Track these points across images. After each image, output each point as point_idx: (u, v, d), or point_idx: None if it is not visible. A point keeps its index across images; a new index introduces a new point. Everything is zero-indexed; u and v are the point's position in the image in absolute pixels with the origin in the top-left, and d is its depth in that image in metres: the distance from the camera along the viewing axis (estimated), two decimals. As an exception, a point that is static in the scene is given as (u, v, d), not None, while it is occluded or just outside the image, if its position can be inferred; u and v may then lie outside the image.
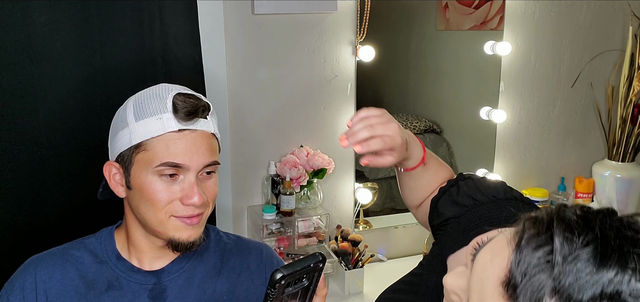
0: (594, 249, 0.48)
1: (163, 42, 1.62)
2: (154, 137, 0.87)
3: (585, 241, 0.49)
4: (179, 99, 0.88)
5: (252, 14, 1.80)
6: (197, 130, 0.90)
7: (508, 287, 0.52)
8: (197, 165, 0.89)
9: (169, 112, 0.88)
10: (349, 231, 1.99)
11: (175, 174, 0.89)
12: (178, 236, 0.90)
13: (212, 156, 0.92)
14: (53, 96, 1.48)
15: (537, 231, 0.52)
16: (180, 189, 0.89)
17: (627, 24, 2.29)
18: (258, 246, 1.08)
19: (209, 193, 0.93)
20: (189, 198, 0.88)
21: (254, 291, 1.02)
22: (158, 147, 0.87)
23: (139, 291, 0.94)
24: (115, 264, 0.95)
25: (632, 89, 2.22)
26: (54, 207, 1.52)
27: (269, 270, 1.04)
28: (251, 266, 1.03)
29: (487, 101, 2.24)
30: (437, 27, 2.21)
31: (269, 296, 0.67)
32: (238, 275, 1.01)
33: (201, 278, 0.98)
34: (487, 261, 0.57)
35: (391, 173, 2.22)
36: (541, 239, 0.51)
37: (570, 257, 0.48)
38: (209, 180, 0.93)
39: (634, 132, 2.24)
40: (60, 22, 1.47)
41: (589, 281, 0.47)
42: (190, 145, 0.88)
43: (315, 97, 1.96)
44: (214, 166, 0.93)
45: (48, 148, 1.50)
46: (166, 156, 0.87)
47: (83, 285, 0.93)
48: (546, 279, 0.49)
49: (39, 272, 0.93)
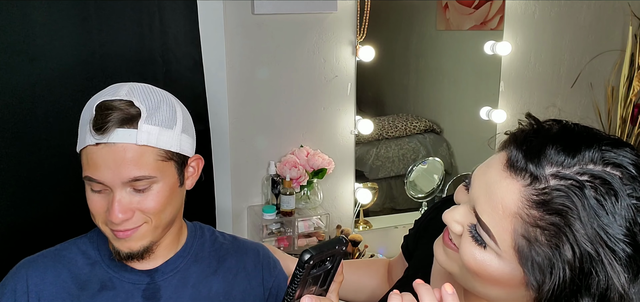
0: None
1: (163, 42, 1.62)
2: (82, 149, 0.86)
3: (549, 124, 0.66)
4: (99, 110, 0.83)
5: (252, 14, 1.80)
6: (116, 144, 0.82)
7: (511, 166, 0.63)
8: (115, 181, 0.83)
9: (90, 123, 0.84)
10: (349, 231, 1.99)
11: (101, 191, 0.86)
12: (118, 247, 0.88)
13: (139, 170, 0.83)
14: (52, 96, 1.48)
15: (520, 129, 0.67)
16: (106, 203, 0.86)
17: (627, 24, 2.29)
18: (255, 246, 1.07)
19: (144, 206, 0.86)
20: (109, 215, 0.85)
21: (250, 291, 1.01)
22: (83, 160, 0.86)
23: (132, 291, 0.93)
24: (108, 265, 0.94)
25: (632, 89, 2.22)
26: (53, 207, 1.52)
27: (265, 270, 1.04)
28: (248, 267, 1.02)
29: (487, 101, 2.24)
30: (437, 27, 2.21)
31: (296, 276, 0.67)
32: (234, 275, 1.00)
33: (196, 278, 0.97)
34: (482, 170, 0.68)
35: (391, 173, 2.22)
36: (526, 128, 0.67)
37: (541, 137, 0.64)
38: (144, 195, 0.86)
39: (634, 132, 2.24)
40: (60, 22, 1.47)
41: (572, 162, 0.61)
42: (106, 160, 0.83)
43: (315, 97, 1.96)
44: (143, 182, 0.84)
45: (47, 148, 1.50)
46: (87, 169, 0.85)
47: (76, 286, 0.92)
48: (544, 138, 0.63)
49: (31, 275, 0.92)
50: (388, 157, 2.21)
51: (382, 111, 2.22)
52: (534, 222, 0.61)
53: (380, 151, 2.19)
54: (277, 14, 1.83)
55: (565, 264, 0.59)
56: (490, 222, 0.64)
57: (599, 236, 0.58)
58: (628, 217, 0.58)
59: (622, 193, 0.58)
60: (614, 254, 0.58)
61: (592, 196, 0.58)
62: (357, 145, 2.08)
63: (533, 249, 0.61)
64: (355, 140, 2.06)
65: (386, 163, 2.21)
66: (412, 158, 2.24)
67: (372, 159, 2.18)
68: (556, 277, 0.60)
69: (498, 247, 0.64)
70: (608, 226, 0.58)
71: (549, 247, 0.60)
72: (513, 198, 0.62)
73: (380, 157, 2.20)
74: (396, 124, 2.22)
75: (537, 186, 0.61)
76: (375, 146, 2.18)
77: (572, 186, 0.59)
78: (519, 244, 0.62)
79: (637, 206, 0.59)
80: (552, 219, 0.59)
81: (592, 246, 0.58)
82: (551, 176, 0.61)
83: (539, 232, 0.60)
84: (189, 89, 1.69)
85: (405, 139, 2.24)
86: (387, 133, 2.19)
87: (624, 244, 0.58)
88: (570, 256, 0.59)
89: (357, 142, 2.07)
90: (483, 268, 0.66)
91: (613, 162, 0.60)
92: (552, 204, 0.59)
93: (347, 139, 2.05)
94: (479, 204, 0.66)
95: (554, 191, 0.60)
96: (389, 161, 2.21)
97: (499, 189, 0.64)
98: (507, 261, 0.64)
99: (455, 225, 0.70)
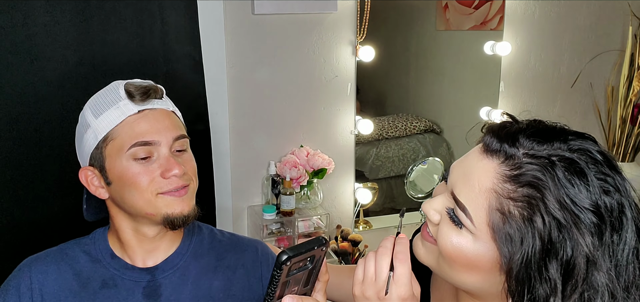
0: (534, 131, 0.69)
1: (163, 42, 1.62)
2: (117, 125, 0.90)
3: (523, 122, 0.71)
4: (130, 86, 0.91)
5: (252, 14, 1.81)
6: (157, 109, 0.92)
7: (487, 149, 0.69)
8: (166, 139, 0.90)
9: (125, 98, 0.90)
10: (349, 230, 1.99)
11: (149, 156, 0.90)
12: (171, 212, 0.90)
13: (179, 130, 0.93)
14: (54, 96, 1.49)
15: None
16: (158, 165, 0.90)
17: (627, 24, 2.29)
18: (253, 242, 1.08)
19: (188, 166, 0.93)
20: (169, 171, 0.89)
21: (249, 288, 1.02)
22: (124, 132, 0.89)
23: (133, 288, 0.94)
24: (109, 263, 0.95)
25: (632, 89, 2.22)
26: (54, 206, 1.52)
27: (264, 267, 1.04)
28: (247, 263, 1.03)
29: (487, 101, 2.24)
30: (437, 27, 2.21)
31: (274, 278, 0.68)
32: (234, 272, 1.01)
33: (196, 275, 0.98)
34: (460, 160, 0.74)
35: (391, 173, 2.22)
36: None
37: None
38: (184, 154, 0.94)
39: (633, 132, 2.25)
40: (61, 23, 1.47)
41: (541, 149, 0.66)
42: (154, 122, 0.90)
43: (315, 97, 1.96)
44: (184, 140, 0.94)
45: (49, 148, 1.50)
46: (134, 137, 0.89)
47: (77, 284, 0.93)
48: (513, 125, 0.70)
49: (34, 272, 0.93)
50: (388, 157, 2.21)
51: (382, 111, 2.22)
52: (507, 195, 0.66)
53: (380, 151, 2.19)
54: (277, 14, 1.84)
55: (536, 233, 0.64)
56: (466, 200, 0.69)
57: (567, 205, 0.63)
58: (594, 193, 0.64)
59: (589, 173, 0.64)
60: (581, 221, 0.63)
61: (561, 172, 0.64)
62: (357, 145, 2.08)
63: (506, 223, 0.65)
64: (355, 140, 2.06)
65: (386, 163, 2.21)
66: (412, 158, 2.24)
67: (372, 159, 2.18)
68: (527, 246, 0.64)
69: (473, 225, 0.68)
70: (575, 197, 0.63)
71: (521, 219, 0.64)
72: (489, 175, 0.68)
73: (380, 157, 2.20)
74: (396, 124, 2.22)
75: (510, 163, 0.67)
76: (375, 146, 2.18)
77: (544, 162, 0.65)
78: (493, 220, 0.66)
79: (602, 186, 0.64)
80: (524, 191, 0.65)
81: (562, 214, 0.63)
82: (524, 155, 0.66)
83: (512, 204, 0.65)
84: (189, 89, 1.69)
85: (405, 139, 2.24)
86: (387, 133, 2.20)
87: (590, 212, 0.63)
88: (541, 225, 0.63)
89: (357, 142, 2.07)
90: (459, 251, 0.70)
91: (578, 148, 0.66)
92: (524, 177, 0.65)
93: (347, 139, 2.05)
94: (457, 186, 0.71)
95: (526, 164, 0.65)
96: (389, 161, 2.21)
97: (476, 170, 0.69)
98: (482, 242, 0.68)
99: (433, 213, 0.74)
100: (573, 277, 0.63)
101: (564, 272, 0.63)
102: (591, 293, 0.63)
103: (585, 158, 0.65)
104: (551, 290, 0.64)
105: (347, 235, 1.95)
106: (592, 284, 0.63)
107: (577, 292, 0.63)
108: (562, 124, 0.71)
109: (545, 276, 0.64)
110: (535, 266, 0.64)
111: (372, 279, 0.74)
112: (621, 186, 0.66)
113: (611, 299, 0.63)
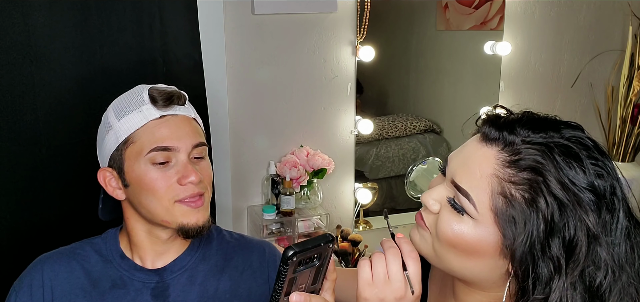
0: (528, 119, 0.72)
1: (163, 42, 1.62)
2: (139, 129, 0.91)
3: (519, 112, 0.75)
4: (154, 91, 0.93)
5: (252, 14, 1.80)
6: (178, 115, 0.93)
7: (486, 138, 0.71)
8: (185, 145, 0.91)
9: (148, 103, 0.92)
10: (349, 231, 1.99)
11: (167, 161, 0.91)
12: (186, 221, 0.91)
13: (199, 137, 0.94)
14: (53, 96, 1.48)
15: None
16: (175, 171, 0.91)
17: (627, 24, 2.29)
18: (261, 243, 1.09)
19: (204, 174, 0.94)
20: (186, 177, 0.90)
21: (256, 289, 1.02)
22: (144, 136, 0.90)
23: (141, 289, 0.95)
24: (119, 263, 0.97)
25: (632, 89, 2.22)
26: (54, 207, 1.52)
27: (272, 268, 1.05)
28: (254, 264, 1.04)
29: (487, 101, 2.24)
30: (437, 27, 2.21)
31: (281, 273, 0.67)
32: (241, 273, 1.02)
33: (203, 276, 0.99)
34: (458, 150, 0.75)
35: (391, 173, 2.22)
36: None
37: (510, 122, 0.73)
38: (202, 162, 0.95)
39: (633, 132, 2.24)
40: (60, 23, 1.47)
41: (534, 137, 0.69)
42: (174, 129, 0.91)
43: (315, 97, 1.96)
44: (203, 148, 0.95)
45: (48, 148, 1.50)
46: (154, 142, 0.90)
47: (88, 283, 0.95)
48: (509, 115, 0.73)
49: (46, 270, 0.95)
50: (388, 157, 2.21)
51: (382, 111, 2.22)
52: (509, 179, 0.68)
53: (380, 151, 2.19)
54: (277, 14, 1.83)
55: (539, 214, 0.66)
56: (469, 186, 0.70)
57: (568, 185, 0.66)
58: (589, 176, 0.67)
59: (583, 157, 0.67)
60: (582, 200, 0.66)
61: (559, 156, 0.67)
62: (357, 145, 2.08)
63: (509, 206, 0.68)
64: (355, 140, 2.06)
65: (386, 163, 2.21)
66: (412, 158, 2.24)
67: (372, 159, 2.18)
68: (531, 226, 0.66)
69: (476, 211, 0.70)
70: (574, 178, 0.66)
71: (524, 201, 0.67)
72: (489, 162, 0.70)
73: (380, 157, 2.20)
74: (396, 124, 2.22)
75: (510, 149, 0.69)
76: (375, 146, 2.18)
77: (542, 147, 0.68)
78: (496, 204, 0.68)
79: (595, 170, 0.67)
80: (525, 174, 0.67)
81: (564, 194, 0.66)
82: (522, 142, 0.69)
83: (514, 188, 0.67)
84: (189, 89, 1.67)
85: (405, 139, 2.24)
86: (387, 133, 2.20)
87: (589, 192, 0.66)
88: (544, 206, 0.66)
89: (357, 142, 2.07)
90: (460, 237, 0.71)
91: (570, 136, 0.70)
92: (524, 162, 0.67)
93: (347, 139, 2.05)
94: (458, 175, 0.72)
95: (525, 150, 0.68)
96: (389, 161, 2.21)
97: (476, 158, 0.71)
98: (484, 226, 0.70)
99: (432, 203, 0.76)
100: (575, 254, 0.65)
101: (566, 250, 0.66)
102: (593, 269, 0.66)
103: (577, 144, 0.69)
104: (555, 268, 0.66)
105: (347, 235, 1.95)
106: (593, 260, 0.66)
107: (579, 268, 0.65)
108: (552, 115, 0.74)
109: (549, 255, 0.66)
110: (539, 246, 0.66)
111: (384, 280, 0.73)
112: (611, 170, 0.70)
113: (612, 273, 0.66)
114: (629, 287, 0.67)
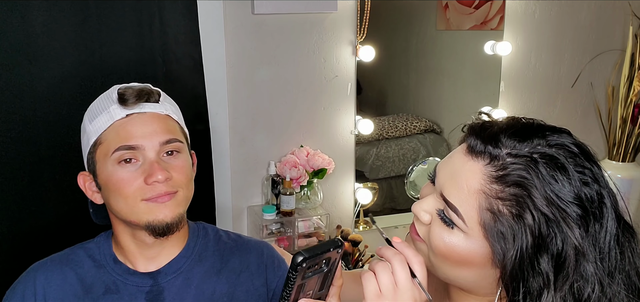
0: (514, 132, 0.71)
1: (163, 42, 1.61)
2: (105, 130, 0.89)
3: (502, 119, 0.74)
4: (123, 89, 0.90)
5: (252, 14, 1.80)
6: (146, 113, 0.90)
7: (472, 151, 0.71)
8: (152, 143, 0.88)
9: (115, 103, 0.90)
10: (349, 231, 1.98)
11: (133, 159, 0.88)
12: (152, 218, 0.88)
13: (170, 134, 0.90)
14: (52, 96, 1.48)
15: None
16: (142, 170, 0.88)
17: (627, 24, 2.28)
18: (259, 244, 1.06)
19: (177, 172, 0.90)
20: (152, 176, 0.86)
21: (254, 292, 1.00)
22: (110, 136, 0.89)
23: (136, 293, 0.93)
24: (113, 268, 0.95)
25: (633, 89, 2.21)
26: (53, 207, 1.52)
27: (270, 270, 1.03)
28: (251, 266, 1.01)
29: (487, 101, 2.23)
30: (437, 27, 2.21)
31: (290, 280, 0.66)
32: (238, 275, 0.99)
33: (200, 279, 0.97)
34: (445, 161, 0.76)
35: (391, 173, 2.22)
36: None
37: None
38: (175, 160, 0.91)
39: (634, 132, 2.24)
40: (59, 23, 1.47)
41: (522, 147, 0.68)
42: (140, 127, 0.89)
43: (315, 97, 1.96)
44: (176, 144, 0.91)
45: (47, 148, 1.50)
46: (118, 141, 0.88)
47: (81, 289, 0.93)
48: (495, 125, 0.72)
49: (39, 277, 0.93)
50: (388, 157, 2.21)
51: (383, 111, 2.22)
52: (496, 195, 0.68)
53: (381, 151, 2.19)
54: (277, 14, 1.83)
55: (526, 230, 0.66)
56: (457, 201, 0.70)
57: (553, 200, 0.66)
58: (575, 185, 0.67)
59: (569, 166, 0.67)
60: (567, 214, 0.66)
61: (544, 168, 0.67)
62: (357, 145, 2.08)
63: (497, 221, 0.68)
64: (355, 140, 2.06)
65: (386, 163, 2.21)
66: (412, 158, 2.24)
67: (372, 159, 2.18)
68: (519, 241, 0.66)
69: (465, 225, 0.70)
70: (560, 191, 0.66)
71: (511, 217, 0.67)
72: (476, 177, 0.70)
73: (380, 157, 2.19)
74: (396, 124, 2.22)
75: (495, 164, 0.69)
76: (376, 146, 2.18)
77: (527, 161, 0.67)
78: (485, 219, 0.69)
79: (581, 178, 0.67)
80: (511, 190, 0.67)
81: (549, 209, 0.66)
82: (507, 155, 0.69)
83: (501, 203, 0.68)
84: (189, 89, 1.69)
85: (405, 139, 2.24)
86: (387, 133, 2.19)
87: (574, 205, 0.66)
88: (531, 221, 0.66)
89: (357, 142, 2.07)
90: (452, 249, 0.72)
91: (556, 143, 0.69)
92: (510, 177, 0.67)
93: (347, 139, 2.05)
94: (446, 188, 0.72)
95: (511, 164, 0.68)
96: (389, 161, 2.21)
97: (462, 172, 0.71)
98: (474, 239, 0.70)
99: (423, 214, 0.75)
100: (564, 269, 0.66)
101: (555, 265, 0.66)
102: (581, 283, 0.66)
103: (563, 152, 0.68)
104: (544, 283, 0.66)
105: (347, 235, 1.94)
106: (581, 274, 0.66)
107: (568, 283, 0.66)
108: (538, 120, 0.74)
109: (538, 270, 0.66)
110: (528, 260, 0.67)
111: (393, 290, 0.70)
112: (598, 176, 0.69)
113: (599, 286, 0.66)
114: (620, 293, 0.68)
